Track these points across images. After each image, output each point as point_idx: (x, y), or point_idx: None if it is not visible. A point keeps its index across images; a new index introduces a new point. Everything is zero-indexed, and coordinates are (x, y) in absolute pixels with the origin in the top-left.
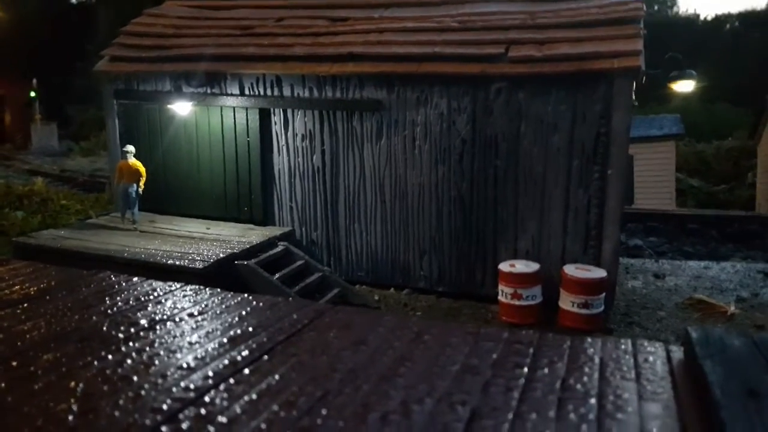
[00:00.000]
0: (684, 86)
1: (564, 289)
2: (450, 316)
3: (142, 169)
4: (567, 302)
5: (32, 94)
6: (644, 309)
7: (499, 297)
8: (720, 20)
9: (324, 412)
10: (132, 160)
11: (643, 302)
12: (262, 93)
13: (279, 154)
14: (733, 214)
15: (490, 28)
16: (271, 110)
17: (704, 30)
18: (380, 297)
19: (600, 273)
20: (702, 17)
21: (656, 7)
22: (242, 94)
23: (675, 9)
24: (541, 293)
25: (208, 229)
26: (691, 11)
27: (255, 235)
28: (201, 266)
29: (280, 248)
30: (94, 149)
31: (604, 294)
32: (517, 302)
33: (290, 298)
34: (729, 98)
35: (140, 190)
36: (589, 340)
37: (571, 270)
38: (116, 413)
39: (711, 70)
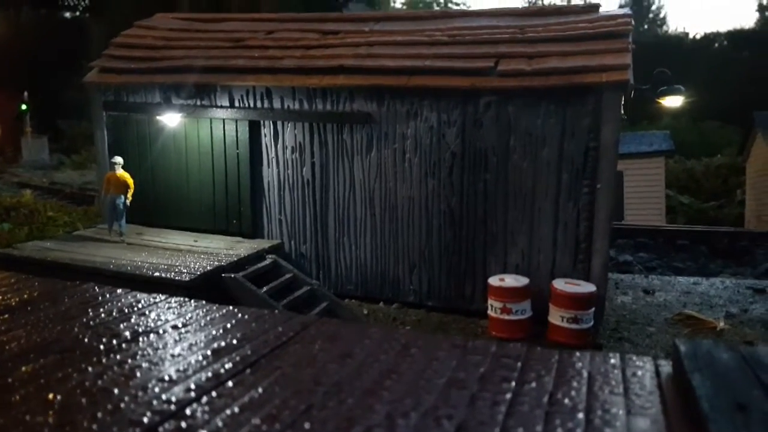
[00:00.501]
0: (672, 101)
1: (553, 304)
2: (439, 331)
3: (130, 181)
4: (556, 317)
5: (23, 107)
6: (634, 324)
7: (489, 311)
8: (709, 39)
9: (307, 425)
10: (120, 172)
11: (632, 318)
12: (251, 105)
13: (268, 167)
14: (723, 230)
15: (479, 42)
16: (261, 122)
17: (693, 48)
18: (369, 311)
19: (589, 288)
20: (691, 36)
21: (646, 26)
22: (232, 106)
23: (664, 27)
24: (530, 308)
25: (195, 241)
26: (680, 30)
27: (243, 247)
28: (187, 279)
29: (268, 261)
30: (84, 163)
31: (593, 309)
32: (506, 317)
33: (276, 311)
34: (718, 116)
35: (128, 201)
36: (578, 354)
37: (560, 284)
38: (94, 426)
39: (700, 88)
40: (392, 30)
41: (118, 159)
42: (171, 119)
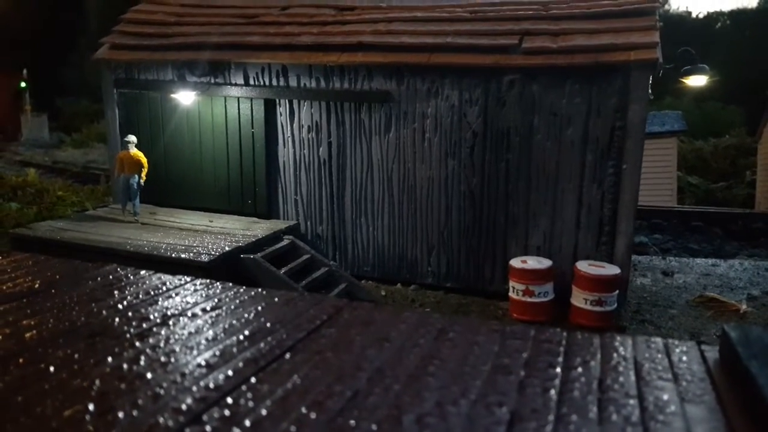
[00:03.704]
0: (697, 81)
1: (576, 286)
2: (459, 313)
3: (144, 160)
4: (580, 299)
5: (22, 85)
6: (655, 307)
7: (510, 293)
8: (711, 18)
9: (356, 413)
10: (133, 151)
11: (653, 300)
12: (267, 83)
13: (284, 146)
14: (737, 211)
15: (502, 19)
16: (277, 101)
17: (695, 27)
18: (387, 292)
19: (614, 270)
20: (693, 15)
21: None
22: (247, 83)
23: (666, 6)
24: (553, 290)
25: (211, 221)
26: (682, 8)
27: (260, 228)
28: (206, 259)
29: (285, 242)
30: (86, 141)
31: (617, 291)
32: (528, 299)
33: (305, 294)
34: (720, 96)
35: (142, 181)
36: (619, 338)
37: (584, 266)
38: (135, 413)
39: None
40: (411, 6)
41: (132, 138)
42: (184, 97)
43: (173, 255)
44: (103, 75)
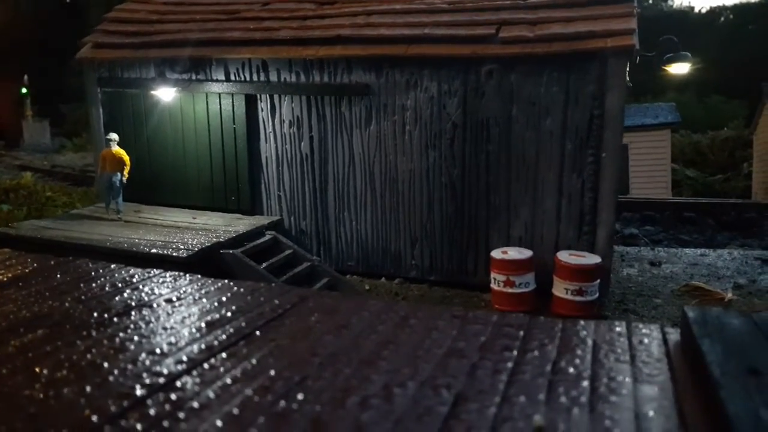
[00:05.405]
0: (679, 69)
1: (558, 276)
2: (442, 305)
3: (127, 158)
4: (561, 289)
5: (24, 90)
6: (640, 296)
7: (492, 285)
8: (714, 13)
9: (300, 396)
10: (116, 149)
11: (638, 290)
12: (247, 78)
13: (266, 142)
14: (730, 202)
15: (480, 9)
16: (258, 96)
17: (698, 22)
18: (371, 286)
19: (594, 259)
20: (696, 10)
21: (651, 0)
22: (228, 79)
23: (669, 2)
24: (534, 280)
25: (194, 218)
26: (685, 4)
27: (242, 224)
28: (185, 255)
29: (267, 237)
30: (85, 145)
31: (598, 281)
32: (509, 290)
33: (273, 284)
34: (723, 90)
35: (124, 179)
36: (582, 323)
37: (564, 256)
38: (81, 400)
39: (705, 62)
40: None
41: (114, 136)
42: (166, 94)
43: (152, 251)
44: (86, 74)
